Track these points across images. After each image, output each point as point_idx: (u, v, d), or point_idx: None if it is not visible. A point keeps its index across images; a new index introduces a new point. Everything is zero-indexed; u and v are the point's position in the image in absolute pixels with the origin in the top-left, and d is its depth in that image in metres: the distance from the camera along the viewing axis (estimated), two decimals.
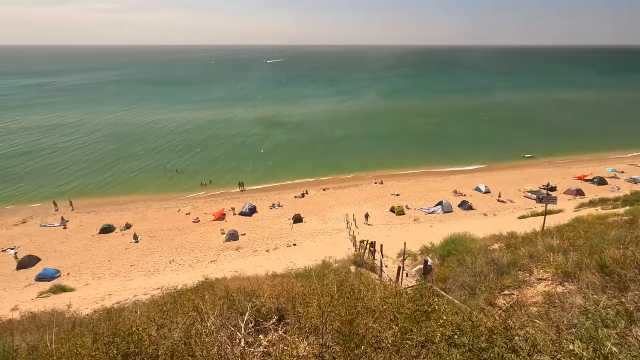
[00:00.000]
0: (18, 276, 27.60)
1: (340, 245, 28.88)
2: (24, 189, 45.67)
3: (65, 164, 54.24)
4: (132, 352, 2.96)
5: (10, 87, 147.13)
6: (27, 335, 7.24)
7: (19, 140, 67.21)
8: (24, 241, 32.96)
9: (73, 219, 37.55)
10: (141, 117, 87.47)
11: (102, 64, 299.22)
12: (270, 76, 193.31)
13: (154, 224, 36.45)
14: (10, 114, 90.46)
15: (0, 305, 21.81)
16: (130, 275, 27.50)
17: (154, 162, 55.15)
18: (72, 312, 12.28)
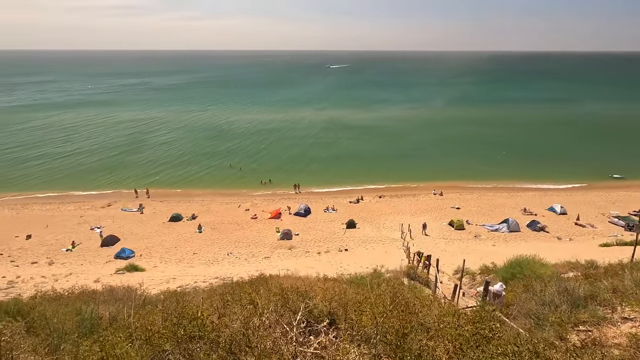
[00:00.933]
0: (101, 252, 31.26)
1: (393, 255, 28.17)
2: (115, 177, 51.71)
3: (149, 158, 60.16)
4: (197, 336, 3.21)
5: (113, 86, 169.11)
6: (107, 305, 8.21)
7: (116, 133, 76.48)
8: (108, 222, 37.25)
9: (148, 206, 41.57)
10: (216, 117, 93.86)
11: (185, 67, 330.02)
12: (336, 81, 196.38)
13: (216, 217, 38.88)
14: (110, 109, 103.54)
15: (86, 276, 24.87)
16: (192, 263, 29.63)
17: (223, 160, 58.71)
18: (143, 290, 13.62)
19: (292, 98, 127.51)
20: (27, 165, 55.95)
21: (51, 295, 11.27)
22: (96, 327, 4.61)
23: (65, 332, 4.41)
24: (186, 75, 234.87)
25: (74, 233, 34.30)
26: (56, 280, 23.92)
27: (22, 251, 30.87)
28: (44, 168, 54.80)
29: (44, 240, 32.92)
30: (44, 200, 43.72)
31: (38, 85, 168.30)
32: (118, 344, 3.14)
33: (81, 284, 17.26)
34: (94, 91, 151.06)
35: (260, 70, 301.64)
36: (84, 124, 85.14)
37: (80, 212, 39.89)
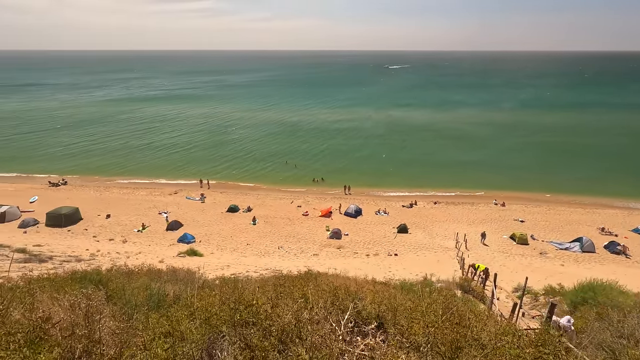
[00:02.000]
0: (166, 236, 34.10)
1: (446, 264, 26.95)
2: (186, 168, 56.02)
3: (218, 152, 63.75)
4: (251, 322, 3.39)
5: (191, 83, 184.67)
6: (170, 284, 8.98)
7: (189, 127, 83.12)
8: (173, 208, 40.48)
9: (209, 196, 44.41)
10: (282, 115, 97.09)
11: (254, 66, 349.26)
12: (398, 82, 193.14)
13: (270, 211, 40.33)
14: (186, 105, 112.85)
15: (153, 256, 27.33)
16: (245, 253, 31.09)
17: (283, 157, 60.34)
18: (201, 274, 14.65)
19: (354, 97, 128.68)
20: (113, 153, 62.96)
21: (124, 270, 12.59)
22: (162, 303, 5.09)
23: (137, 304, 4.93)
24: (255, 74, 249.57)
25: (145, 216, 37.80)
26: (128, 257, 26.62)
27: (102, 228, 34.79)
28: (125, 156, 61.14)
29: (120, 220, 36.76)
30: (122, 185, 48.84)
31: (124, 82, 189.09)
32: (182, 321, 3.43)
33: (148, 263, 19.02)
34: (174, 87, 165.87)
35: (322, 70, 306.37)
36: (160, 118, 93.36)
37: (151, 198, 43.88)
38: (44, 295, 4.61)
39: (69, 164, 56.42)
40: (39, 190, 44.54)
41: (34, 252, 24.82)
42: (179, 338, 3.33)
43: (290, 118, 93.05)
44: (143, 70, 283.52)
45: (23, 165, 55.24)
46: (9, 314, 3.69)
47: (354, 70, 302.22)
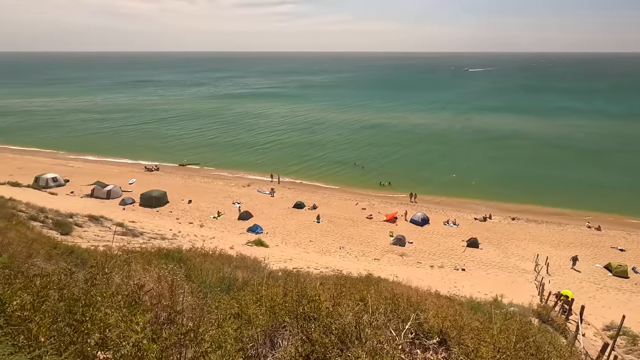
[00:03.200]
0: (237, 224, 36.55)
1: (521, 287, 24.52)
2: (259, 162, 59.50)
3: (296, 151, 66.01)
4: (312, 317, 3.50)
5: (283, 81, 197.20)
6: (239, 270, 9.64)
7: (273, 124, 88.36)
8: (245, 200, 43.20)
9: (278, 191, 46.47)
10: (359, 116, 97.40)
11: (334, 68, 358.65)
12: (483, 85, 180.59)
13: (334, 211, 40.79)
14: (275, 103, 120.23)
15: (224, 242, 29.51)
16: (308, 249, 31.89)
17: (353, 158, 60.54)
18: (266, 264, 15.44)
19: (435, 100, 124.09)
20: (199, 146, 69.56)
21: (200, 252, 13.84)
22: (232, 287, 5.51)
23: (211, 285, 5.41)
24: (335, 75, 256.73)
25: (220, 204, 40.97)
26: (203, 240, 29.12)
27: (184, 212, 38.59)
28: (211, 150, 66.93)
29: (199, 206, 40.40)
30: (204, 174, 53.56)
31: (228, 80, 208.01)
32: (250, 305, 3.67)
33: (220, 247, 20.62)
34: (260, 86, 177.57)
35: (401, 72, 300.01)
36: (247, 115, 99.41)
37: (227, 188, 47.43)
38: (137, 265, 5.31)
39: (162, 153, 63.54)
40: (137, 174, 51.01)
41: (129, 227, 28.54)
42: (246, 321, 3.57)
43: (370, 120, 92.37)
44: (233, 70, 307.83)
45: (127, 151, 63.71)
46: (112, 277, 4.33)
47: (433, 72, 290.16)
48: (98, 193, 40.51)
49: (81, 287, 3.57)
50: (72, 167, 52.83)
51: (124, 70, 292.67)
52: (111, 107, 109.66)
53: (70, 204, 32.17)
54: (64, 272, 4.13)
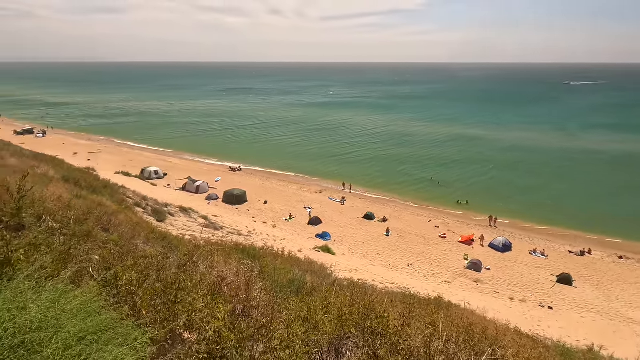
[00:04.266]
0: (307, 229, 37.54)
1: (625, 340, 20.77)
2: (334, 171, 60.63)
3: (369, 163, 66.63)
4: (380, 333, 3.44)
5: (367, 92, 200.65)
6: (306, 274, 9.90)
7: (353, 134, 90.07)
8: (316, 206, 44.20)
9: (349, 200, 46.63)
10: (445, 129, 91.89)
11: (419, 78, 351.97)
12: (585, 100, 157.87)
13: (405, 226, 39.44)
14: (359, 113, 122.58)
15: (294, 244, 30.53)
16: (374, 262, 31.29)
17: (432, 173, 58.04)
18: (332, 271, 15.56)
19: (535, 115, 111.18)
20: (283, 151, 73.65)
21: (272, 251, 14.55)
22: (301, 290, 5.70)
23: (281, 285, 5.66)
24: (421, 86, 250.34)
25: (293, 208, 42.56)
26: (275, 240, 30.53)
27: (259, 212, 40.96)
28: (292, 157, 70.27)
29: (273, 207, 42.53)
30: (280, 178, 56.32)
31: (313, 90, 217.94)
32: (318, 311, 3.75)
33: (290, 249, 21.40)
34: (346, 96, 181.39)
35: (490, 83, 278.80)
36: (334, 124, 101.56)
37: (300, 193, 49.14)
38: (219, 258, 5.81)
39: (246, 155, 68.48)
40: (222, 173, 55.80)
41: (212, 220, 31.28)
42: (313, 326, 3.66)
43: (457, 134, 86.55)
44: (317, 80, 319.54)
45: (216, 152, 70.11)
46: (198, 266, 4.80)
47: (528, 84, 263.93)
48: (189, 187, 45.25)
49: (174, 272, 4.05)
50: (171, 163, 59.94)
51: (218, 79, 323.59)
52: (207, 111, 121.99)
53: (166, 195, 36.52)
54: (162, 256, 4.72)
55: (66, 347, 1.59)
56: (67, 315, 1.79)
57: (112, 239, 7.90)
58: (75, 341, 1.64)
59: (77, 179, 21.07)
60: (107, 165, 49.65)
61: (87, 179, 22.76)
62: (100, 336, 1.82)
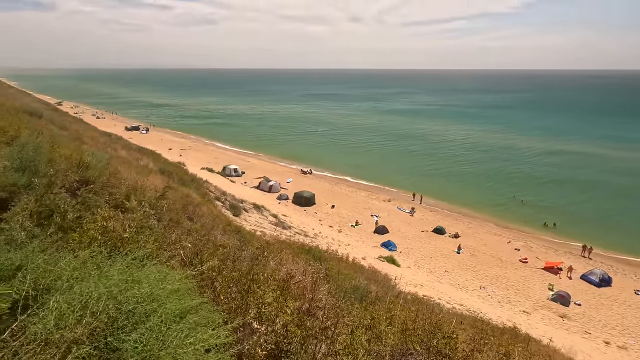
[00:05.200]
0: (372, 237, 37.02)
1: None
2: (407, 180, 59.08)
3: (446, 174, 62.16)
4: (447, 355, 3.26)
5: (450, 100, 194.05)
6: (369, 282, 9.79)
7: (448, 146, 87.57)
8: (384, 214, 43.34)
9: (419, 212, 44.85)
10: (541, 145, 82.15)
11: (508, 87, 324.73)
12: None
13: (478, 244, 36.57)
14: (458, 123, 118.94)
15: (358, 251, 30.35)
16: (442, 279, 29.55)
17: (517, 190, 52.85)
18: (396, 283, 15.13)
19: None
20: (355, 155, 74.10)
21: (336, 255, 14.68)
22: (365, 298, 5.67)
23: (345, 290, 5.69)
24: (510, 95, 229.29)
25: (359, 214, 42.36)
26: (339, 245, 30.69)
27: (326, 215, 41.58)
28: (364, 160, 70.53)
29: (340, 212, 42.83)
30: (350, 183, 56.55)
31: (394, 96, 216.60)
32: (382, 322, 3.69)
33: (354, 256, 21.32)
34: (434, 103, 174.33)
35: (597, 93, 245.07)
36: (411, 132, 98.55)
37: (368, 200, 48.72)
38: (288, 256, 6.06)
39: (317, 159, 70.23)
40: (294, 175, 57.97)
41: (282, 219, 32.66)
42: (376, 336, 3.61)
43: (556, 151, 76.56)
44: (397, 87, 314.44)
45: (290, 155, 73.11)
46: (268, 261, 5.08)
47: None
48: (263, 186, 47.93)
49: (247, 264, 4.35)
50: (249, 162, 64.19)
51: (298, 85, 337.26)
52: (286, 116, 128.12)
53: (242, 192, 39.20)
54: (237, 248, 5.10)
55: (167, 321, 1.84)
56: (167, 293, 2.07)
57: (195, 227, 8.76)
58: (173, 317, 1.88)
59: (170, 171, 23.81)
60: (195, 161, 55.06)
61: (178, 173, 25.56)
62: (193, 317, 2.05)
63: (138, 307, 1.84)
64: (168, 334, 1.75)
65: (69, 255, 2.45)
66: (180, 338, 1.75)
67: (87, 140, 19.80)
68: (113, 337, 1.67)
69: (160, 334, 1.72)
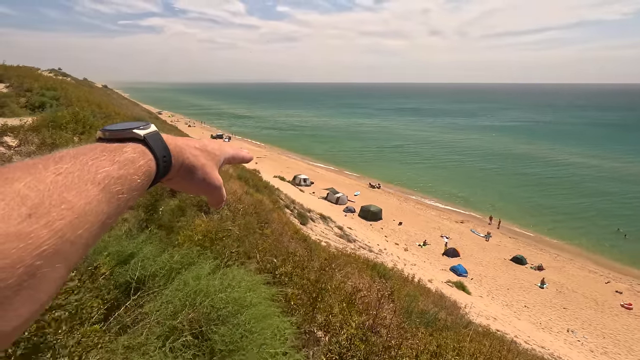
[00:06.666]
0: (441, 259, 34.96)
1: None
2: (477, 198, 55.28)
3: (532, 197, 56.59)
4: None
5: (554, 117, 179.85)
6: (436, 307, 9.28)
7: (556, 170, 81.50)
8: (455, 236, 40.70)
9: (495, 237, 41.20)
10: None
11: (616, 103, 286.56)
12: None
13: (567, 281, 32.21)
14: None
15: (424, 272, 28.91)
16: (520, 315, 26.59)
17: (620, 221, 45.69)
18: (466, 312, 14.05)
19: None
20: (430, 174, 71.71)
21: (402, 274, 14.21)
22: (430, 323, 5.43)
23: (410, 312, 5.53)
24: (617, 113, 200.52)
25: (428, 234, 40.43)
26: (404, 264, 29.59)
27: (393, 232, 40.49)
28: (439, 177, 67.81)
29: (407, 230, 41.37)
30: (418, 201, 54.44)
31: (490, 111, 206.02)
32: (449, 351, 3.53)
33: (420, 277, 20.36)
34: (529, 120, 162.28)
35: None
36: (498, 150, 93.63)
37: (438, 220, 46.31)
38: (354, 269, 6.11)
39: (387, 173, 69.15)
40: (362, 188, 57.80)
41: (347, 232, 32.71)
42: None
43: None
44: (489, 101, 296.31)
45: (361, 168, 73.25)
46: (335, 273, 5.19)
47: None
48: (330, 197, 48.64)
49: (315, 273, 4.51)
50: (318, 173, 65.82)
51: (376, 99, 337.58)
52: (359, 130, 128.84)
53: (310, 201, 40.25)
54: (307, 257, 5.31)
55: (250, 321, 2.06)
56: (253, 298, 2.30)
57: (266, 232, 9.30)
58: (255, 320, 2.09)
59: (247, 177, 25.57)
60: (269, 169, 58.27)
61: (253, 179, 27.31)
62: (270, 320, 2.25)
63: (228, 307, 2.08)
64: (251, 331, 1.95)
65: (170, 248, 2.86)
66: (261, 338, 1.94)
67: None
68: (206, 329, 1.93)
69: (246, 332, 1.93)
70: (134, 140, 0.64)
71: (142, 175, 0.60)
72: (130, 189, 0.57)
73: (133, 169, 0.59)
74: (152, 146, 0.65)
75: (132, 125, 0.66)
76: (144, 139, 0.64)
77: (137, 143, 0.64)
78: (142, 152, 0.63)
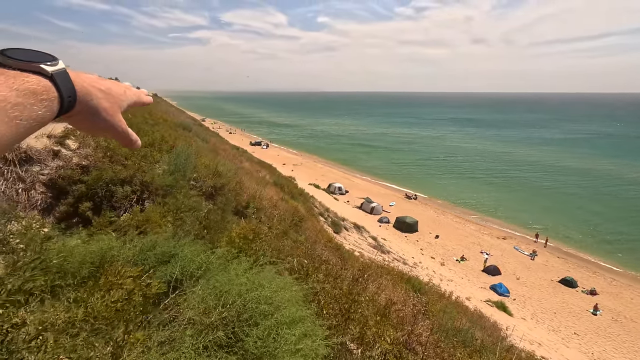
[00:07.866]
0: (480, 276, 33.21)
1: None
2: (525, 216, 52.06)
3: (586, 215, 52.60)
4: None
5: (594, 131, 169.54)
6: (477, 329, 8.76)
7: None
8: (496, 253, 38.55)
9: (542, 256, 38.50)
10: None
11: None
12: None
13: (625, 308, 29.28)
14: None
15: (462, 289, 27.59)
16: (568, 342, 24.50)
17: None
18: (507, 334, 13.16)
19: None
20: (481, 188, 69.11)
21: (438, 290, 13.63)
22: (469, 344, 5.12)
23: (447, 330, 5.25)
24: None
25: (467, 249, 38.65)
26: (441, 279, 28.43)
27: (429, 245, 39.15)
28: (484, 190, 65.11)
29: (445, 244, 39.82)
30: (456, 214, 52.32)
31: (538, 122, 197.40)
32: None
33: (457, 294, 19.44)
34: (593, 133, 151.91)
35: None
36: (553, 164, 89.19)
37: (478, 235, 44.16)
38: (388, 282, 5.94)
39: (422, 184, 67.28)
40: (397, 199, 56.60)
41: (381, 243, 32.10)
42: None
43: None
44: (535, 111, 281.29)
45: (399, 178, 71.94)
46: (368, 284, 5.07)
47: None
48: (365, 207, 48.10)
49: (348, 283, 4.43)
50: (353, 182, 65.47)
51: (415, 108, 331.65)
52: (399, 139, 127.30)
53: (344, 210, 40.02)
54: (339, 266, 5.24)
55: (281, 325, 2.05)
56: (284, 301, 2.30)
57: (300, 239, 9.33)
58: (286, 323, 2.08)
59: (282, 184, 26.00)
60: (304, 176, 58.87)
61: (289, 186, 27.71)
62: (301, 326, 2.23)
63: (260, 307, 2.10)
64: (282, 335, 1.94)
65: (208, 250, 2.94)
66: (293, 342, 1.92)
67: (221, 152, 23.18)
68: (239, 329, 1.95)
69: (278, 335, 1.92)
70: (40, 74, 0.63)
71: (43, 108, 0.60)
72: (29, 117, 0.57)
73: (34, 100, 0.59)
74: (60, 85, 0.64)
75: (39, 57, 0.64)
76: (52, 77, 0.63)
77: (43, 77, 0.63)
78: (46, 87, 0.62)
